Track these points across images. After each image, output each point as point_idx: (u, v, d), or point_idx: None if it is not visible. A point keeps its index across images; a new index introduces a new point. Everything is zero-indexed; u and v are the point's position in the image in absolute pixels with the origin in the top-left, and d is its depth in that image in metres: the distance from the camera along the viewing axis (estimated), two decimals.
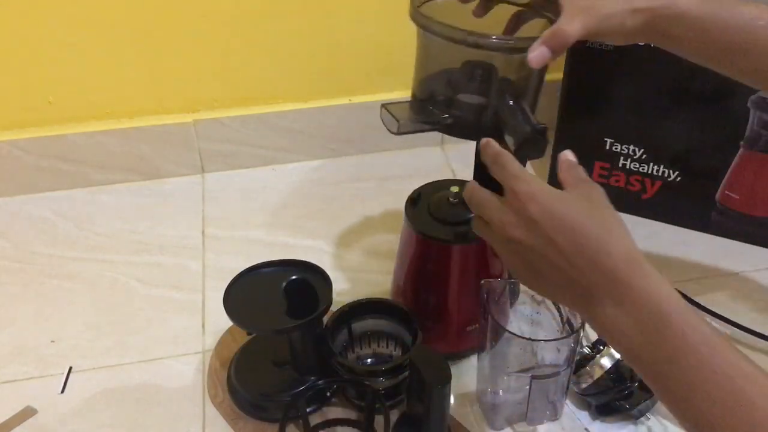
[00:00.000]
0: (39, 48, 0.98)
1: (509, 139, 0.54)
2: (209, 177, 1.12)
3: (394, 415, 0.71)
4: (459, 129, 0.59)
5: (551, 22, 0.55)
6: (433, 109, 0.59)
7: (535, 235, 0.46)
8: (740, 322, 0.83)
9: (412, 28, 0.72)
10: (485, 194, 0.51)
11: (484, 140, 0.53)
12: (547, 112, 0.98)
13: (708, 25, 0.54)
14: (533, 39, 0.52)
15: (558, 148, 1.02)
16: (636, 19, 0.53)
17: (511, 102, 0.55)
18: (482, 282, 0.69)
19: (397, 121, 0.57)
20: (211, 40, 1.02)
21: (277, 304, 0.71)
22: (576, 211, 0.46)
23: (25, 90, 1.02)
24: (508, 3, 0.59)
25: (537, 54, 0.51)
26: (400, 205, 0.76)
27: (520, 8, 0.59)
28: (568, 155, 0.52)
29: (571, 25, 0.51)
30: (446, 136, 0.66)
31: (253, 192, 1.09)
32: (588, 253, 0.45)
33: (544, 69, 0.55)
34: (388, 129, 0.57)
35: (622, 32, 0.54)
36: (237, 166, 1.13)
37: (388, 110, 0.59)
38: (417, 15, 0.58)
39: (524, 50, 0.52)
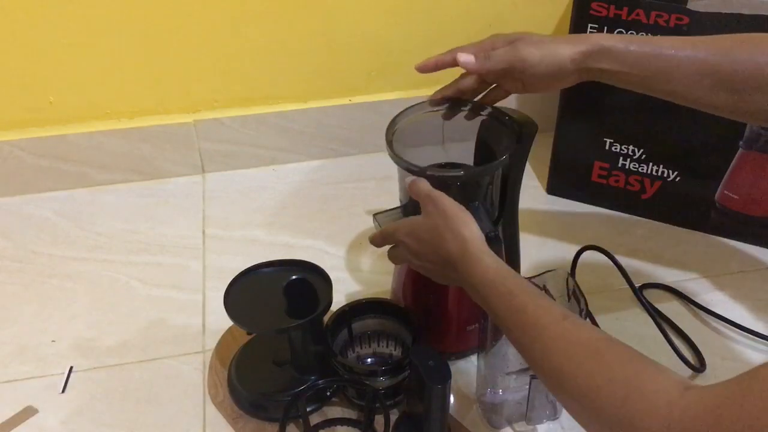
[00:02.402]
0: (39, 48, 0.98)
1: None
2: (209, 177, 1.12)
3: (394, 415, 0.71)
4: None
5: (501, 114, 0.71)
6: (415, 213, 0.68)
7: (415, 255, 0.66)
8: (740, 322, 0.83)
9: (411, 29, 0.72)
10: (392, 237, 0.69)
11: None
12: (547, 111, 0.99)
13: (630, 56, 0.65)
14: (482, 168, 0.67)
15: (558, 149, 1.03)
16: (573, 65, 0.66)
17: (477, 203, 0.69)
18: None
19: None
20: (212, 40, 1.02)
21: (277, 304, 0.71)
22: (425, 231, 0.64)
23: (25, 90, 1.02)
24: (466, 107, 0.74)
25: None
26: None
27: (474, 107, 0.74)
28: (407, 180, 0.68)
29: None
30: (447, 136, 0.72)
31: (253, 192, 1.09)
32: (442, 256, 0.63)
33: (497, 177, 0.69)
34: None
35: (565, 80, 0.67)
36: (237, 166, 1.13)
37: (377, 221, 0.72)
38: (389, 151, 0.68)
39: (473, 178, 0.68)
